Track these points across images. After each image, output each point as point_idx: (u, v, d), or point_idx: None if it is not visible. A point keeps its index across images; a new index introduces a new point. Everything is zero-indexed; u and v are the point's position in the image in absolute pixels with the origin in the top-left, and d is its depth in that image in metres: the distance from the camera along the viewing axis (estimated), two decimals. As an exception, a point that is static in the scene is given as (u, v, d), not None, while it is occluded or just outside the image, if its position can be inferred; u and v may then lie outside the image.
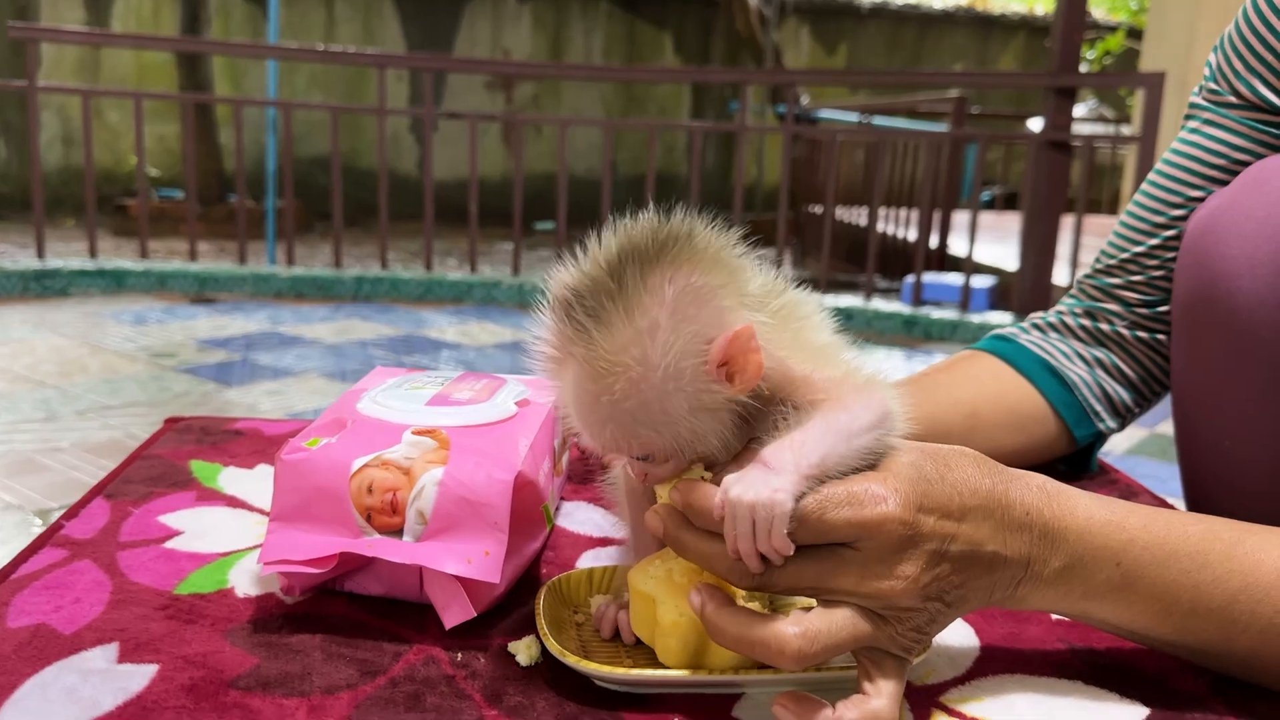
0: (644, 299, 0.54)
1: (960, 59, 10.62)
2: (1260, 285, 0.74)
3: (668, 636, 0.60)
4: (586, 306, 0.55)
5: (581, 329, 0.55)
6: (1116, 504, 0.63)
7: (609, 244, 0.56)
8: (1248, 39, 0.85)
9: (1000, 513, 0.58)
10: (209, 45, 6.75)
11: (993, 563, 0.58)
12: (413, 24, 9.01)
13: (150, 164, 6.81)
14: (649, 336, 0.54)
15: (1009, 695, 0.63)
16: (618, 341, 0.54)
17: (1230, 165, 0.86)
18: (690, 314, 0.54)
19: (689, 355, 0.54)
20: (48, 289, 4.93)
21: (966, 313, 4.99)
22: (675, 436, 0.56)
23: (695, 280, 0.54)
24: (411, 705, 0.59)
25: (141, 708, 0.57)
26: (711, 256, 0.56)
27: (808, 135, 6.83)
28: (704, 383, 0.55)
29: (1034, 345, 0.98)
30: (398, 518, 0.68)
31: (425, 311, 4.97)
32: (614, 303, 0.54)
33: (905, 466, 0.57)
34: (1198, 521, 0.63)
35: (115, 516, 0.83)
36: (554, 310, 0.57)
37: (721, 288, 0.55)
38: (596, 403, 0.55)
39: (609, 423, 0.56)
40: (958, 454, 0.60)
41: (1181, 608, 0.62)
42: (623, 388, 0.54)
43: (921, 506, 0.56)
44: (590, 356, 0.54)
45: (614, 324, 0.54)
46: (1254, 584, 0.61)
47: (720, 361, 0.54)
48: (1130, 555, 0.61)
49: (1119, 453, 2.93)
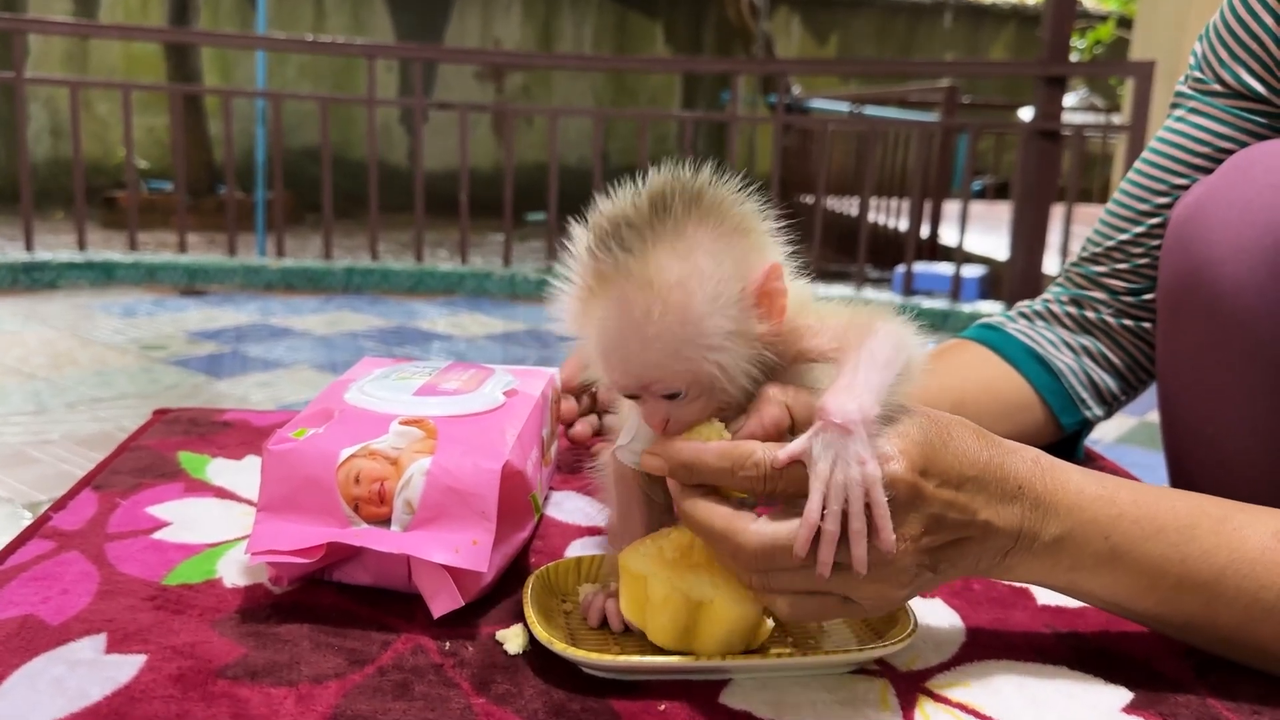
0: (689, 227, 0.56)
1: (951, 49, 10.61)
2: (1243, 271, 0.75)
3: (659, 613, 0.60)
4: (634, 231, 0.56)
5: (627, 252, 0.55)
6: (1107, 479, 0.64)
7: (651, 182, 0.58)
8: (1232, 28, 0.86)
9: (995, 484, 0.59)
10: (197, 36, 6.71)
11: (985, 532, 0.59)
12: (402, 14, 8.97)
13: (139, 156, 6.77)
14: (694, 257, 0.56)
15: (994, 680, 0.64)
16: (667, 257, 0.56)
17: (1215, 153, 0.87)
18: (733, 243, 0.57)
19: (730, 280, 0.56)
20: (37, 281, 4.91)
21: (957, 302, 5.00)
22: (717, 363, 0.56)
23: (731, 220, 0.57)
24: (400, 694, 0.59)
25: (129, 698, 0.57)
26: (740, 211, 0.59)
27: (799, 125, 6.82)
28: (741, 310, 0.57)
29: (1021, 334, 0.98)
30: (385, 508, 0.68)
31: (416, 303, 4.96)
32: (661, 228, 0.56)
33: (911, 428, 0.57)
34: (1186, 498, 0.64)
35: (103, 508, 0.83)
36: (593, 242, 0.57)
37: (750, 232, 0.58)
38: (638, 329, 0.56)
39: (654, 343, 0.56)
40: (958, 424, 0.60)
41: (1168, 581, 0.62)
42: (666, 309, 0.55)
43: (925, 471, 0.56)
44: (642, 272, 0.55)
45: (660, 246, 0.56)
46: (1240, 559, 0.61)
47: (758, 290, 0.57)
48: (1120, 529, 0.62)
49: (1108, 441, 2.95)
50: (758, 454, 0.56)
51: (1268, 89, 0.84)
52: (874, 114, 6.93)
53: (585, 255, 0.57)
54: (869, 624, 0.67)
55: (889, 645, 0.62)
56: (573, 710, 0.58)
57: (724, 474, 0.57)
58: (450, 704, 0.58)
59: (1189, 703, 0.62)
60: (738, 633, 0.60)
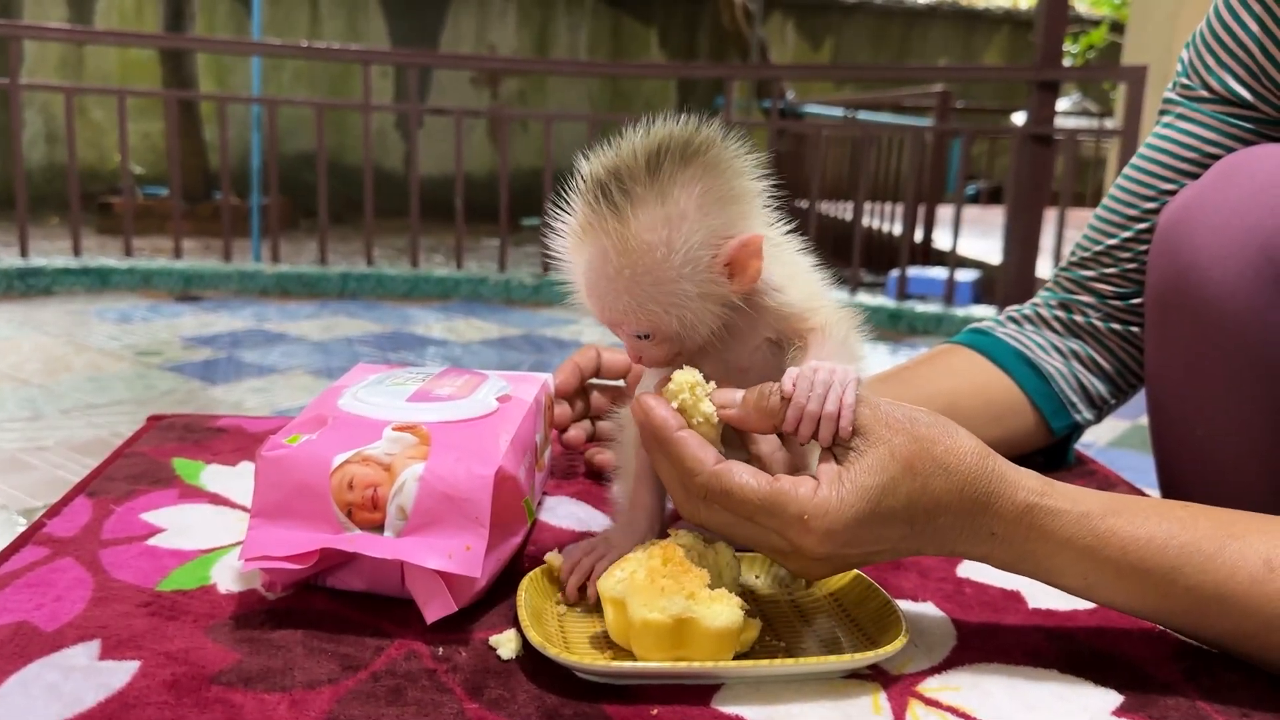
0: (676, 190, 0.61)
1: (945, 54, 10.63)
2: (1230, 276, 0.75)
3: (642, 636, 0.60)
4: (624, 188, 0.60)
5: (616, 208, 0.60)
6: (1102, 522, 0.62)
7: (650, 136, 0.62)
8: (1219, 34, 0.86)
9: (958, 532, 0.62)
10: (193, 42, 6.71)
11: (931, 553, 0.64)
12: (398, 20, 8.97)
13: (135, 161, 6.77)
14: (676, 224, 0.60)
15: (986, 684, 0.64)
16: (647, 222, 0.60)
17: (1202, 159, 0.87)
18: (714, 211, 0.61)
19: (705, 247, 0.61)
20: (32, 287, 4.90)
21: (951, 306, 5.01)
22: (678, 318, 0.62)
23: (721, 184, 0.62)
24: (393, 699, 0.59)
25: (123, 704, 0.57)
26: (738, 169, 0.63)
27: (793, 130, 6.83)
28: (712, 274, 0.62)
29: (1010, 338, 0.99)
30: (379, 513, 0.68)
31: (411, 308, 4.96)
32: (649, 189, 0.60)
33: (870, 490, 0.59)
34: (1183, 530, 0.62)
35: (97, 514, 0.83)
36: (588, 189, 0.62)
37: (742, 197, 0.63)
38: (619, 275, 0.61)
39: (625, 294, 0.62)
40: (949, 470, 0.60)
41: (1147, 606, 0.64)
42: (644, 264, 0.61)
43: (853, 541, 0.60)
44: (621, 233, 0.60)
45: (647, 207, 0.60)
46: (1226, 593, 0.61)
47: (728, 260, 0.61)
48: (1102, 574, 0.62)
49: (1101, 445, 2.95)
50: (766, 387, 0.62)
51: (1254, 95, 0.85)
52: (868, 119, 6.94)
53: (578, 201, 0.63)
54: (861, 628, 0.67)
55: (882, 651, 0.62)
56: (566, 716, 0.59)
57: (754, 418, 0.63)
58: (443, 709, 0.59)
59: (1179, 705, 0.63)
60: (723, 640, 0.60)
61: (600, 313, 0.65)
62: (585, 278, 0.64)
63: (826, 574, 0.65)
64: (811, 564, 0.62)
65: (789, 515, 0.59)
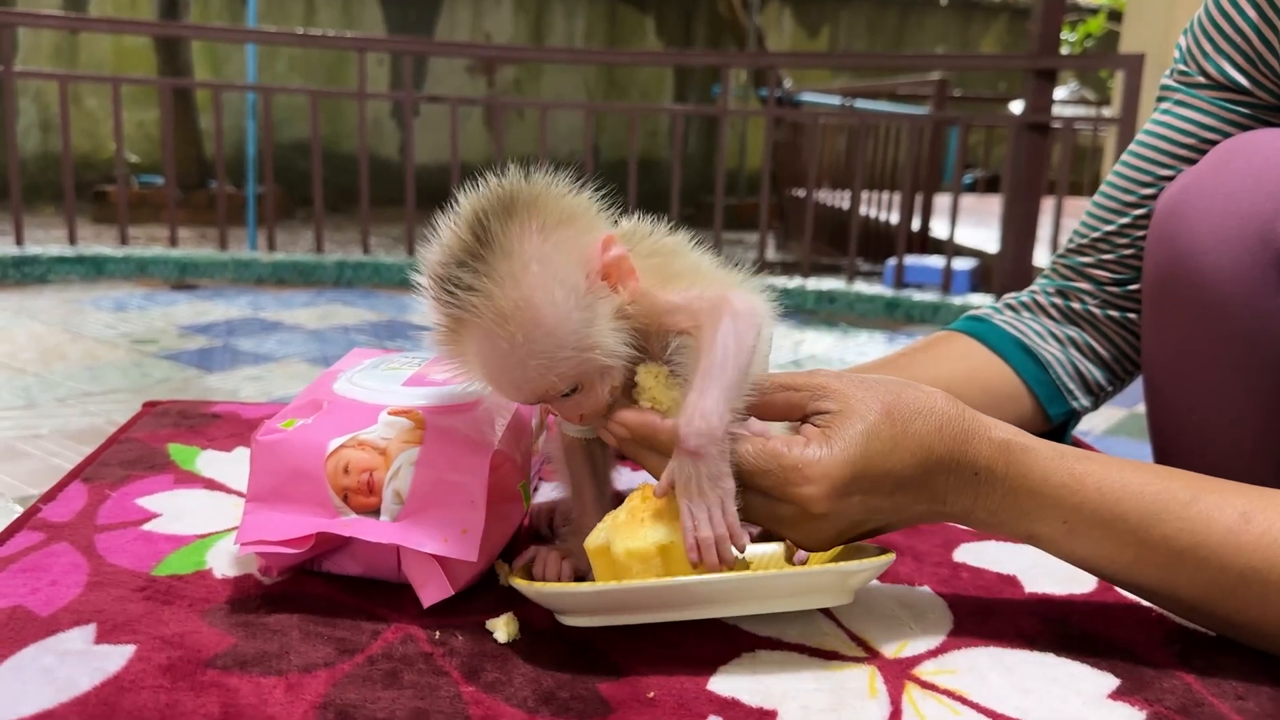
0: (513, 242, 0.59)
1: (942, 42, 10.62)
2: (1226, 261, 0.75)
3: (628, 567, 0.61)
4: (468, 266, 0.59)
5: (468, 290, 0.59)
6: (1078, 464, 0.65)
7: (461, 211, 0.61)
8: (1216, 21, 0.86)
9: (946, 476, 0.63)
10: (187, 29, 6.67)
11: (923, 515, 0.65)
12: (393, 8, 8.94)
13: (129, 150, 6.75)
14: (530, 270, 0.59)
15: (982, 667, 0.64)
16: (509, 282, 0.58)
17: (1199, 145, 0.87)
18: (558, 240, 0.60)
19: (570, 272, 0.60)
20: (27, 276, 4.89)
21: (948, 295, 5.00)
22: (593, 353, 0.60)
23: (550, 213, 0.60)
24: (389, 683, 0.59)
25: (119, 688, 0.57)
26: (557, 193, 0.62)
27: (790, 119, 6.81)
28: (593, 294, 0.60)
29: (1008, 325, 0.98)
30: (374, 498, 0.68)
31: (408, 297, 4.95)
32: (491, 253, 0.59)
33: (855, 437, 0.61)
34: (1158, 479, 0.65)
35: (93, 499, 0.83)
36: (438, 289, 0.60)
37: (575, 218, 0.61)
38: (514, 345, 0.59)
39: (530, 360, 0.60)
40: (924, 413, 0.63)
41: (1124, 558, 0.65)
42: (531, 320, 0.59)
43: (849, 490, 0.61)
44: (491, 306, 0.58)
45: (498, 269, 0.59)
46: (1201, 543, 0.63)
47: (599, 269, 0.60)
48: (1080, 515, 0.64)
49: (1098, 433, 2.96)
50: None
51: (1250, 81, 0.85)
52: (865, 107, 6.93)
53: (434, 302, 0.61)
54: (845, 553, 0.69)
55: (867, 562, 0.63)
56: (562, 698, 0.59)
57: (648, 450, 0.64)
58: (440, 692, 0.59)
59: (1174, 688, 0.63)
60: None
61: (518, 394, 0.63)
62: (485, 369, 0.62)
63: (830, 538, 0.64)
64: (814, 525, 0.62)
65: (785, 466, 0.60)
